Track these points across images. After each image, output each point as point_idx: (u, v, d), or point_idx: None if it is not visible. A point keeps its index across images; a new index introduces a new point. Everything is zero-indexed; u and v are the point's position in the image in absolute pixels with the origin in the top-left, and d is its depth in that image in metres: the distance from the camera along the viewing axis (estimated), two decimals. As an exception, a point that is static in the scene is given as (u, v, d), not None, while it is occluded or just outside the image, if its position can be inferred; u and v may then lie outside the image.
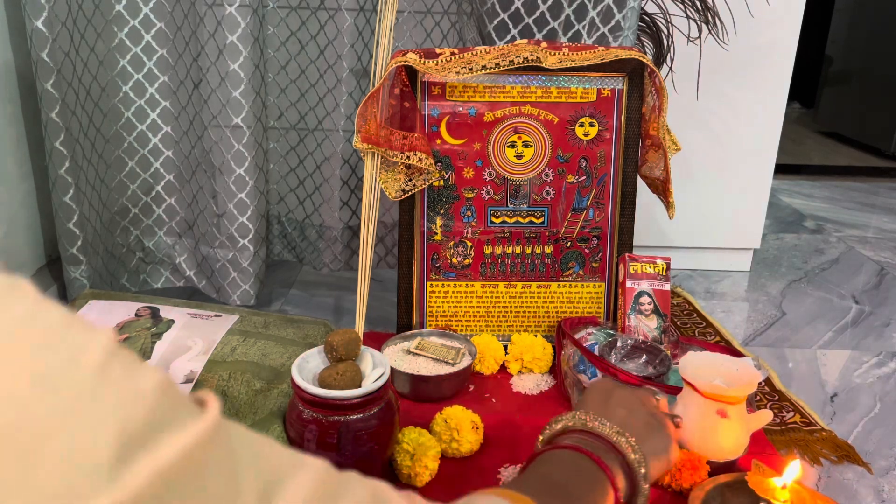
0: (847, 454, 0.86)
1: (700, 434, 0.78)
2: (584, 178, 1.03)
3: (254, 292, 1.16)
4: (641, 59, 0.98)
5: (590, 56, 0.97)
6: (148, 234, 1.20)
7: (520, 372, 1.00)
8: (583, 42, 1.02)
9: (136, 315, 0.91)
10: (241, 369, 0.82)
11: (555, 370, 1.00)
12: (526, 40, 0.97)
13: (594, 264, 1.06)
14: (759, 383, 0.88)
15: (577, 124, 1.02)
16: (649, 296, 1.01)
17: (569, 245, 1.05)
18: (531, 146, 1.02)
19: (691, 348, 0.95)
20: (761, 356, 1.10)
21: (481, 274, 1.05)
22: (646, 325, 1.00)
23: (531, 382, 0.97)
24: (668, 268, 1.02)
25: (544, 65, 0.96)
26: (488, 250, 1.05)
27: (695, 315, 1.24)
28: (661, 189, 1.04)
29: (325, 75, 1.14)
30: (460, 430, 0.79)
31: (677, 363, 0.85)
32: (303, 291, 1.30)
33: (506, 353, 1.02)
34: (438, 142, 1.01)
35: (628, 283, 1.01)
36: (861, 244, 1.68)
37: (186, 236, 1.21)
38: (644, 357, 0.94)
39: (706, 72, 1.26)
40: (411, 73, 0.98)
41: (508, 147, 1.02)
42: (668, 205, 1.04)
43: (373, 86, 0.96)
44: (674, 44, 1.19)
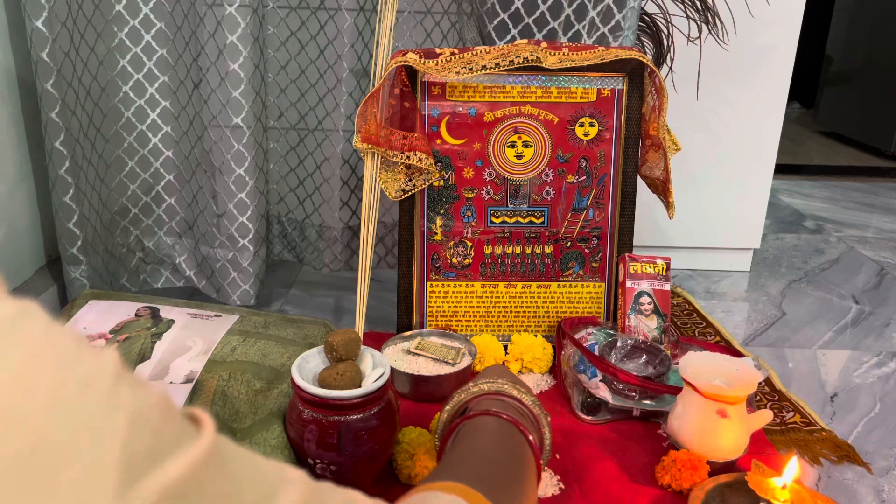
0: (847, 454, 0.86)
1: (700, 434, 0.78)
2: (584, 178, 1.03)
3: (254, 292, 1.16)
4: (641, 59, 0.98)
5: (590, 56, 0.97)
6: (148, 234, 1.20)
7: (520, 372, 1.00)
8: (583, 42, 1.02)
9: (136, 315, 0.91)
10: (241, 369, 0.82)
11: (555, 370, 1.00)
12: (526, 40, 0.97)
13: (594, 264, 1.06)
14: (759, 383, 0.88)
15: (577, 124, 1.02)
16: (649, 296, 1.01)
17: (569, 245, 1.05)
18: (531, 146, 1.02)
19: (691, 348, 0.95)
20: (761, 356, 1.10)
21: (481, 274, 1.05)
22: (646, 325, 1.00)
23: (531, 382, 0.97)
24: (668, 268, 1.02)
25: (544, 65, 0.96)
26: (488, 250, 1.05)
27: (695, 315, 1.24)
28: (661, 189, 1.04)
29: (325, 75, 1.14)
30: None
31: (677, 363, 0.85)
32: (303, 291, 1.30)
33: (506, 353, 1.02)
34: (438, 142, 1.01)
35: (628, 283, 1.01)
36: (861, 244, 1.68)
37: (186, 236, 1.21)
38: (644, 357, 0.95)
39: (706, 72, 1.26)
40: (411, 73, 0.98)
41: (508, 147, 1.02)
42: (668, 205, 1.04)
43: (373, 86, 0.96)
44: (674, 44, 1.19)
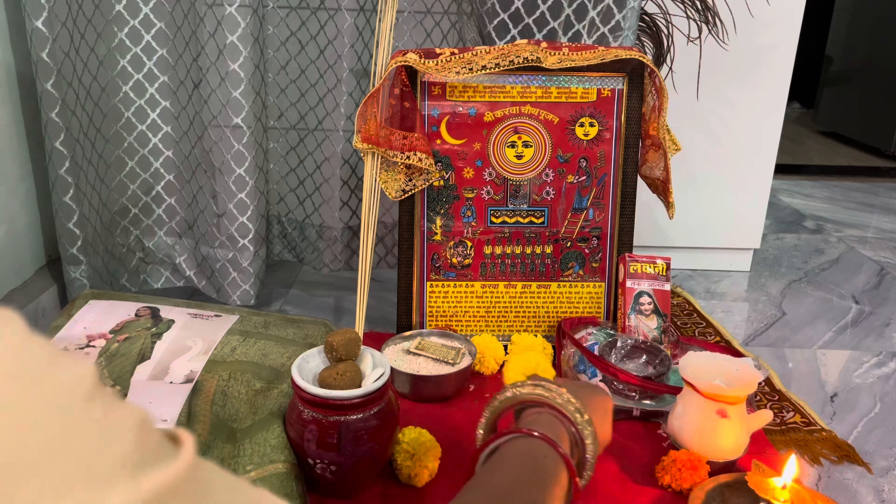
0: (847, 454, 0.86)
1: (700, 434, 0.78)
2: (584, 178, 1.03)
3: (254, 292, 1.16)
4: (641, 59, 0.98)
5: (590, 56, 0.97)
6: (148, 234, 1.20)
7: (520, 372, 1.00)
8: (583, 42, 1.02)
9: (136, 315, 0.91)
10: (241, 369, 0.82)
11: (555, 370, 1.00)
12: (526, 40, 0.97)
13: (594, 264, 1.06)
14: (759, 383, 0.88)
15: (577, 124, 1.02)
16: (649, 296, 1.01)
17: (569, 245, 1.05)
18: (531, 146, 1.02)
19: (691, 348, 0.95)
20: (761, 356, 1.10)
21: (481, 274, 1.05)
22: (646, 325, 1.00)
23: (531, 382, 0.97)
24: (668, 268, 1.02)
25: (544, 65, 0.96)
26: (488, 250, 1.05)
27: (695, 315, 1.24)
28: (661, 189, 1.04)
29: (325, 75, 1.14)
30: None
31: (677, 363, 0.85)
32: (303, 291, 1.30)
33: (506, 353, 1.02)
34: (438, 142, 1.01)
35: (628, 283, 1.01)
36: (861, 244, 1.68)
37: (186, 236, 1.21)
38: (644, 357, 0.95)
39: (706, 72, 1.26)
40: (411, 73, 0.98)
41: (508, 147, 1.02)
42: (668, 205, 1.04)
43: (373, 86, 0.96)
44: (674, 44, 1.19)
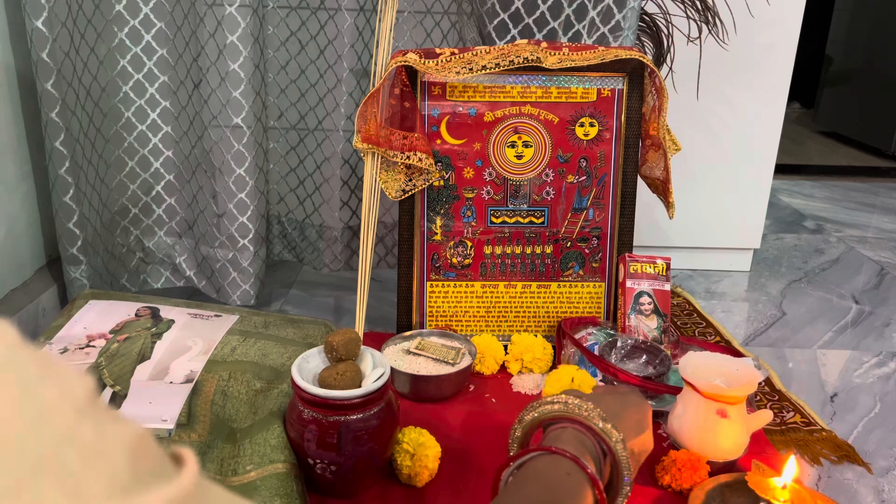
0: (847, 454, 0.86)
1: (700, 434, 0.78)
2: (584, 178, 1.03)
3: (254, 292, 1.16)
4: (641, 59, 0.98)
5: (590, 56, 0.97)
6: (148, 234, 1.20)
7: (520, 372, 1.00)
8: (583, 42, 1.02)
9: (136, 315, 0.91)
10: (241, 369, 0.82)
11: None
12: (526, 40, 0.97)
13: (594, 264, 1.06)
14: (759, 383, 0.88)
15: (577, 124, 1.02)
16: (649, 296, 1.01)
17: (569, 245, 1.05)
18: (531, 146, 1.02)
19: (691, 348, 0.95)
20: (761, 356, 1.10)
21: (481, 274, 1.05)
22: (646, 325, 1.00)
23: (531, 382, 0.97)
24: (668, 268, 1.02)
25: (544, 65, 0.96)
26: (488, 250, 1.05)
27: (695, 315, 1.24)
28: (661, 189, 1.04)
29: (325, 75, 1.14)
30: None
31: (677, 363, 0.85)
32: (303, 291, 1.30)
33: (506, 353, 1.02)
34: (438, 142, 1.01)
35: (628, 283, 1.01)
36: (861, 244, 1.68)
37: (186, 236, 1.21)
38: (644, 357, 0.95)
39: (706, 72, 1.26)
40: (411, 73, 0.98)
41: (508, 147, 1.02)
42: (668, 205, 1.04)
43: (373, 86, 0.96)
44: (674, 44, 1.19)
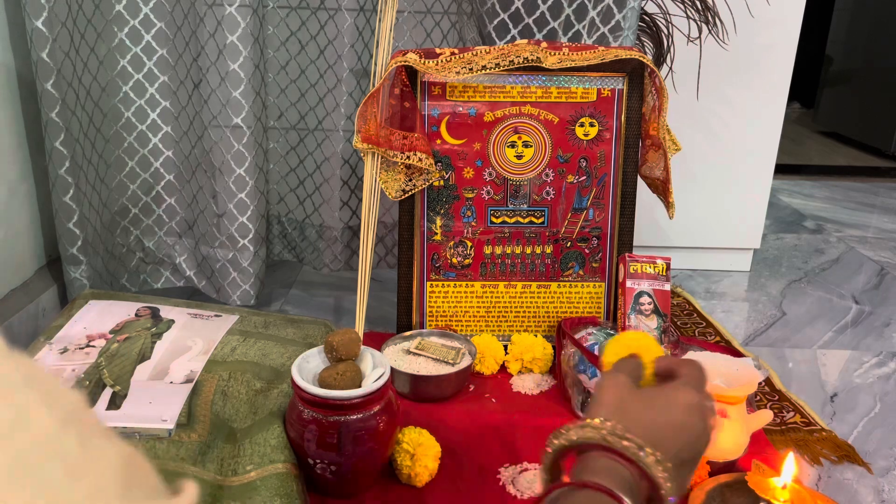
0: (847, 454, 0.86)
1: (700, 434, 0.78)
2: (584, 178, 1.03)
3: (254, 292, 1.16)
4: (641, 59, 0.98)
5: (590, 56, 0.97)
6: (148, 234, 1.20)
7: (520, 372, 1.00)
8: (583, 42, 1.02)
9: (136, 315, 0.91)
10: (241, 369, 0.82)
11: (555, 370, 1.00)
12: (526, 40, 0.97)
13: (594, 264, 1.06)
14: (759, 383, 0.88)
15: (577, 124, 1.02)
16: (649, 296, 1.01)
17: (569, 245, 1.05)
18: (531, 146, 1.02)
19: (691, 348, 0.95)
20: (761, 356, 1.10)
21: (481, 274, 1.05)
22: (646, 325, 1.00)
23: (531, 382, 0.98)
24: (668, 268, 1.02)
25: (544, 65, 0.96)
26: (488, 250, 1.04)
27: (695, 315, 1.24)
28: (661, 189, 1.04)
29: (325, 75, 1.14)
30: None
31: (677, 363, 0.85)
32: (303, 291, 1.30)
33: (506, 353, 1.02)
34: (438, 142, 1.01)
35: (628, 283, 1.01)
36: (861, 244, 1.68)
37: (186, 236, 1.21)
38: (644, 357, 0.94)
39: (706, 72, 1.26)
40: (411, 73, 0.98)
41: (508, 147, 1.02)
42: (668, 205, 1.04)
43: (373, 86, 0.96)
44: (674, 44, 1.19)
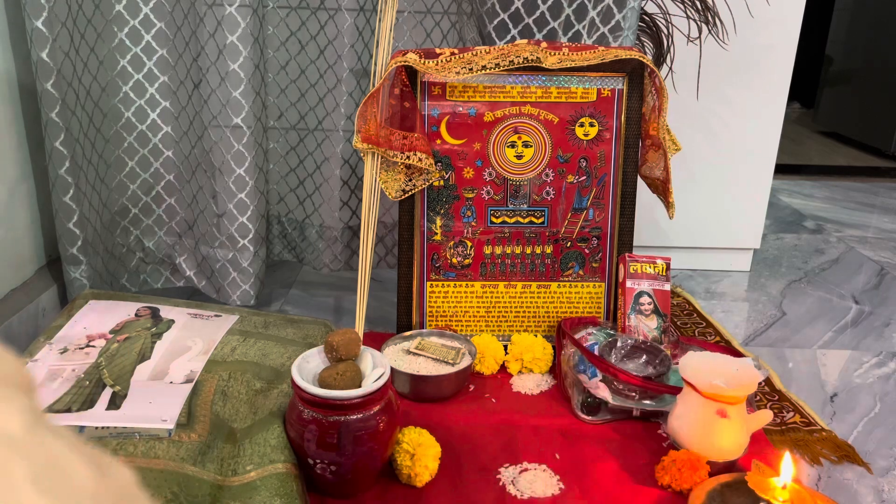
0: (847, 454, 0.86)
1: (700, 434, 0.78)
2: (584, 178, 1.03)
3: (254, 292, 1.16)
4: (641, 59, 0.98)
5: (590, 56, 0.97)
6: (148, 234, 1.20)
7: (520, 372, 1.00)
8: (583, 42, 1.02)
9: (136, 315, 0.91)
10: (241, 369, 0.82)
11: (555, 370, 1.00)
12: (526, 40, 0.97)
13: (594, 264, 1.06)
14: (759, 383, 0.88)
15: (577, 124, 1.02)
16: (649, 296, 1.01)
17: (569, 245, 1.05)
18: (531, 146, 1.02)
19: (691, 348, 0.95)
20: (761, 356, 1.10)
21: (481, 274, 1.05)
22: (646, 325, 1.00)
23: (531, 382, 0.98)
24: (668, 268, 1.02)
25: (544, 65, 0.96)
26: (488, 250, 1.05)
27: (695, 315, 1.24)
28: (661, 189, 1.04)
29: (325, 75, 1.14)
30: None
31: (677, 363, 0.85)
32: (303, 291, 1.30)
33: (506, 353, 1.02)
34: (438, 142, 1.01)
35: (628, 283, 1.01)
36: (861, 244, 1.68)
37: (186, 236, 1.21)
38: (644, 357, 0.95)
39: (706, 72, 1.26)
40: (411, 73, 0.98)
41: (508, 147, 1.02)
42: (668, 205, 1.04)
43: (373, 86, 0.96)
44: (674, 44, 1.19)
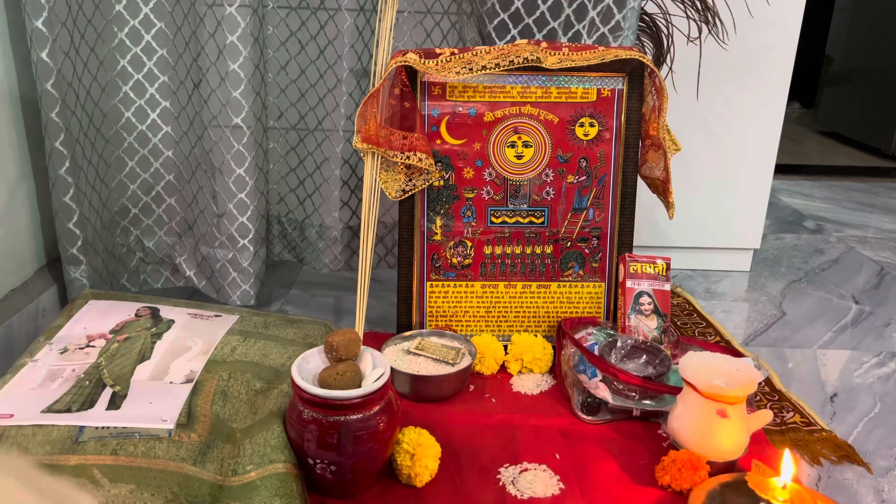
0: (847, 454, 0.86)
1: (700, 434, 0.78)
2: (584, 178, 1.03)
3: (254, 292, 1.16)
4: (641, 59, 0.98)
5: (590, 56, 0.97)
6: (148, 235, 1.20)
7: (520, 372, 1.00)
8: (583, 42, 1.02)
9: (136, 315, 0.91)
10: (241, 369, 0.82)
11: (555, 370, 1.00)
12: (526, 40, 0.97)
13: (594, 264, 1.06)
14: (759, 383, 0.88)
15: (577, 124, 1.02)
16: (649, 296, 1.01)
17: (569, 245, 1.05)
18: (531, 146, 1.02)
19: (691, 348, 0.95)
20: (761, 356, 1.10)
21: (481, 274, 1.05)
22: (646, 325, 1.00)
23: (531, 382, 0.98)
24: (668, 268, 1.02)
25: (544, 65, 0.96)
26: (488, 250, 1.05)
27: (695, 315, 1.24)
28: (661, 189, 1.04)
29: (325, 75, 1.14)
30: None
31: (677, 363, 0.85)
32: (303, 291, 1.30)
33: (506, 353, 1.02)
34: (438, 142, 1.01)
35: (628, 283, 1.01)
36: (861, 244, 1.68)
37: (186, 236, 1.21)
38: (644, 357, 0.95)
39: (706, 72, 1.26)
40: (411, 73, 0.98)
41: (508, 147, 1.02)
42: (668, 205, 1.04)
43: (373, 86, 0.96)
44: (674, 44, 1.19)
